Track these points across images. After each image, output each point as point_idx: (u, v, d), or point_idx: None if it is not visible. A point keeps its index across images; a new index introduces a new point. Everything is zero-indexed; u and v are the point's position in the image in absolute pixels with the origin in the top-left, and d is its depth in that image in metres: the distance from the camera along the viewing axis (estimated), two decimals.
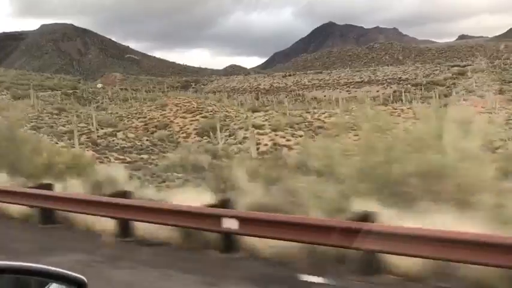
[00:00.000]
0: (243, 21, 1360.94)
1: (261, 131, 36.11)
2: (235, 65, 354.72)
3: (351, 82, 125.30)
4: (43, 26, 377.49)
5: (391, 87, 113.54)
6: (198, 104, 49.24)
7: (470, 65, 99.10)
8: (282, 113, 42.23)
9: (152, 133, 42.84)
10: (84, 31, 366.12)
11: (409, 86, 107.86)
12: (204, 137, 40.06)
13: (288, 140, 33.47)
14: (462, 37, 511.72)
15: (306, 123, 38.63)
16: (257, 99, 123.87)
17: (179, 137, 41.62)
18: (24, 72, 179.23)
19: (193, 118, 44.70)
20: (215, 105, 51.07)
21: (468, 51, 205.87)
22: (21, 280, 1.55)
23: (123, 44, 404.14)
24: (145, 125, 45.79)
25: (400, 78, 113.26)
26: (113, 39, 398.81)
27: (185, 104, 49.35)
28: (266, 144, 34.21)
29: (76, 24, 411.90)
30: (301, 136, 34.46)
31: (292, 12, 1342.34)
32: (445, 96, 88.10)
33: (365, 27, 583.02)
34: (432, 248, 5.64)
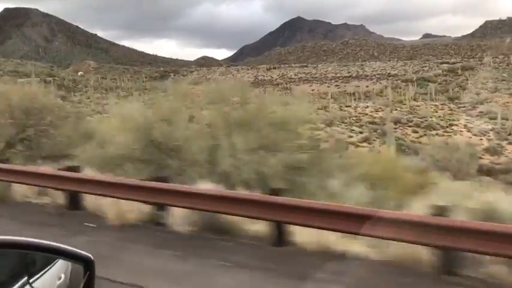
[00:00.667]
0: (212, 13, 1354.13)
1: (313, 126, 34.60)
2: (207, 57, 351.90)
3: (338, 76, 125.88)
4: (6, 9, 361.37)
5: (380, 83, 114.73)
6: None
7: (459, 62, 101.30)
8: (323, 106, 41.09)
9: None
10: (50, 17, 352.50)
11: (399, 81, 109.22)
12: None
13: (350, 137, 31.91)
14: (426, 36, 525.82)
15: (354, 118, 37.53)
16: None
17: None
18: None
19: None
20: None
21: (443, 49, 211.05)
22: (28, 256, 1.59)
23: (90, 31, 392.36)
24: None
25: (389, 74, 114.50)
26: (80, 26, 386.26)
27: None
28: (327, 141, 32.75)
29: (41, 9, 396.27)
30: (360, 132, 33.19)
31: (262, 5, 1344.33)
32: (441, 92, 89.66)
33: (333, 23, 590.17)
34: None
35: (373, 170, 11.02)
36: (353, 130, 33.86)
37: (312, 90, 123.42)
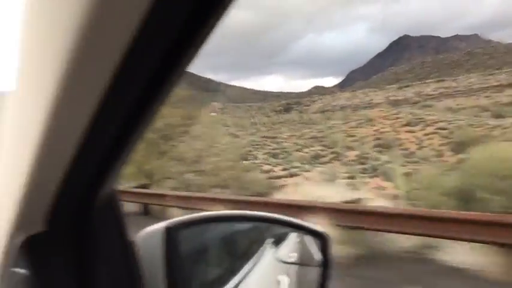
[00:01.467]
0: (315, 43, 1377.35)
1: None
2: (318, 86, 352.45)
3: (486, 87, 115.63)
4: None
5: None
6: (412, 115, 43.81)
7: None
8: None
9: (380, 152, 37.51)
10: None
11: None
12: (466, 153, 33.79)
13: None
14: None
15: None
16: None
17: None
18: None
19: (426, 131, 38.66)
20: (434, 115, 45.26)
21: None
22: (272, 229, 1.72)
23: (204, 76, 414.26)
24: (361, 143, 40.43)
25: None
26: (195, 73, 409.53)
27: (398, 116, 43.94)
28: None
29: None
30: None
31: (365, 28, 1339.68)
32: None
33: (442, 36, 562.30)
34: None
35: None
36: None
37: (457, 104, 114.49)
